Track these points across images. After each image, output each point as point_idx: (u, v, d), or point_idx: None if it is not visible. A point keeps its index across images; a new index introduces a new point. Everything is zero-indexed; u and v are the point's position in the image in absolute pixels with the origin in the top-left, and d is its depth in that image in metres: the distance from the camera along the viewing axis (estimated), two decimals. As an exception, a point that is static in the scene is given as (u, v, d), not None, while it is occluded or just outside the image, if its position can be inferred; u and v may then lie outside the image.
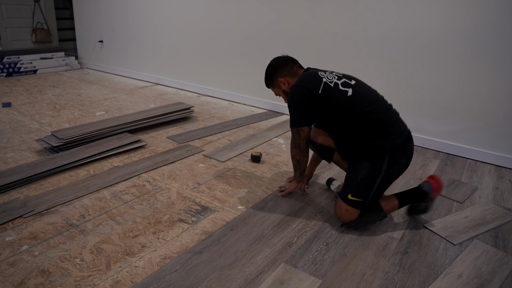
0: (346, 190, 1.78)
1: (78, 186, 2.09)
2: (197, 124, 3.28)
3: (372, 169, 1.72)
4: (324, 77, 1.78)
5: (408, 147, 1.75)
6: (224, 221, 1.83)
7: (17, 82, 4.52)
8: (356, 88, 1.76)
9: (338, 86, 1.75)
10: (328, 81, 1.76)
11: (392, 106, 1.82)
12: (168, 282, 1.41)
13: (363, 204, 1.76)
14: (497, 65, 2.56)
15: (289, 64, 1.92)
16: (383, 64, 3.02)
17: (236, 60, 3.92)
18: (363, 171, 1.73)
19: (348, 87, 1.76)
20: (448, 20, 2.66)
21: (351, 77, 1.85)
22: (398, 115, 1.80)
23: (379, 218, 1.79)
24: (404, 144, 1.73)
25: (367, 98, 1.74)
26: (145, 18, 4.62)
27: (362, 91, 1.76)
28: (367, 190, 1.73)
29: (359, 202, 1.75)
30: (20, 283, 1.38)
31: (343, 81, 1.78)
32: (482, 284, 1.49)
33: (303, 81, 1.78)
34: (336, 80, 1.78)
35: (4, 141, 2.68)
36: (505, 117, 2.61)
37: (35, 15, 5.84)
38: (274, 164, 2.53)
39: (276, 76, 1.93)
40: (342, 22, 3.14)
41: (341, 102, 1.72)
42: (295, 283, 1.44)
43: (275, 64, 1.93)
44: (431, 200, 1.81)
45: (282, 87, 1.94)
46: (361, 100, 1.72)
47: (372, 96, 1.77)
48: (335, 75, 1.82)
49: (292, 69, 1.91)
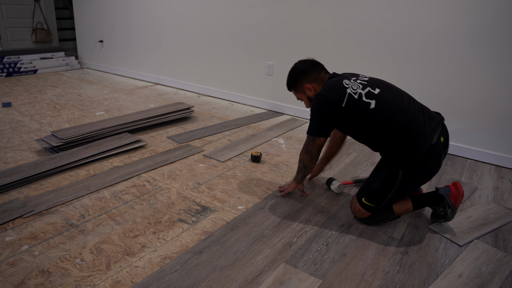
0: (361, 193, 1.83)
1: (78, 186, 2.09)
2: (197, 124, 3.28)
3: (387, 180, 1.73)
4: (349, 87, 1.71)
5: (428, 165, 1.68)
6: (224, 221, 1.83)
7: (17, 82, 4.52)
8: (380, 99, 1.69)
9: (361, 97, 1.70)
10: (353, 92, 1.70)
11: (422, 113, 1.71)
12: (168, 282, 1.41)
13: (375, 209, 1.81)
14: (497, 64, 2.56)
15: (316, 70, 1.85)
16: (382, 64, 3.02)
17: (236, 60, 3.92)
18: (379, 180, 1.76)
19: (372, 98, 1.69)
20: (447, 19, 2.66)
21: (377, 83, 1.76)
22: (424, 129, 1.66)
23: (390, 219, 1.83)
24: (424, 161, 1.66)
25: (389, 111, 1.67)
26: (145, 18, 4.62)
27: (385, 102, 1.69)
28: (381, 198, 1.77)
29: (372, 207, 1.80)
30: (20, 283, 1.38)
31: (367, 90, 1.71)
32: (482, 284, 1.48)
33: (328, 90, 1.72)
34: (361, 90, 1.71)
35: (4, 141, 2.68)
36: (505, 117, 2.61)
37: (35, 15, 5.84)
38: (274, 164, 2.53)
39: (302, 81, 1.86)
40: (346, 20, 3.14)
41: (363, 115, 1.70)
42: (295, 283, 1.44)
43: (302, 68, 1.85)
44: (449, 205, 1.79)
45: (307, 93, 1.87)
46: (383, 113, 1.67)
47: (395, 107, 1.68)
48: (359, 83, 1.75)
49: (319, 75, 1.85)
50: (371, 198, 1.78)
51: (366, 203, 1.80)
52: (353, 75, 1.85)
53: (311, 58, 1.91)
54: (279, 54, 3.59)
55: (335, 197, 2.11)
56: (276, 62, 3.63)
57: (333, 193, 2.16)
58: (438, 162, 1.69)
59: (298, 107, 3.62)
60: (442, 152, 1.69)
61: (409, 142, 1.65)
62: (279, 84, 3.66)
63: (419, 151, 1.64)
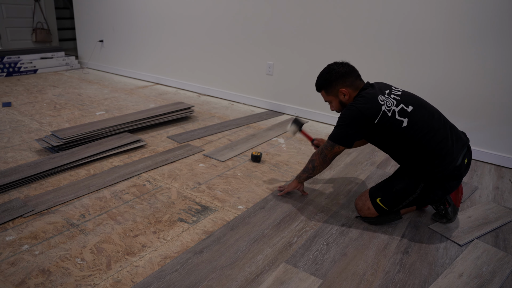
0: (377, 193, 1.82)
1: (78, 185, 2.09)
2: (197, 124, 3.28)
3: (409, 187, 1.75)
4: (384, 104, 1.69)
5: (449, 185, 1.72)
6: (225, 220, 1.83)
7: (17, 81, 4.52)
8: (413, 118, 1.69)
9: (395, 115, 1.69)
10: (387, 110, 1.68)
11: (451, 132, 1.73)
12: (169, 281, 1.41)
13: (386, 212, 1.82)
14: (497, 64, 2.56)
15: (353, 75, 1.81)
16: (383, 63, 3.02)
17: (237, 60, 3.92)
18: (400, 185, 1.77)
19: (405, 117, 1.68)
20: (446, 20, 2.66)
21: (410, 99, 1.75)
22: (451, 150, 1.68)
23: (395, 219, 1.84)
24: (447, 180, 1.70)
25: (420, 130, 1.68)
26: (145, 17, 4.61)
27: (417, 120, 1.69)
28: (397, 203, 1.78)
29: (384, 209, 1.81)
30: (21, 282, 1.38)
31: (401, 108, 1.70)
32: (482, 284, 1.48)
33: (363, 104, 1.69)
34: (394, 106, 1.70)
35: (4, 141, 2.68)
36: (506, 117, 2.61)
37: (35, 15, 5.84)
38: (274, 164, 2.53)
39: (338, 85, 1.81)
40: (350, 19, 3.14)
41: (394, 132, 1.70)
42: (296, 282, 1.44)
43: (340, 72, 1.80)
44: (449, 203, 1.81)
45: (340, 97, 1.83)
46: (415, 132, 1.68)
47: (427, 126, 1.69)
48: (393, 98, 1.73)
49: (355, 81, 1.81)
50: (388, 200, 1.78)
51: (380, 204, 1.79)
52: (386, 86, 1.81)
53: (347, 62, 1.86)
54: (279, 54, 3.59)
55: (335, 197, 2.11)
56: (276, 61, 3.63)
57: (333, 193, 2.16)
58: (458, 182, 1.74)
59: (298, 107, 3.62)
60: (463, 173, 1.74)
61: (437, 162, 1.67)
62: (279, 84, 3.66)
63: (445, 170, 1.67)
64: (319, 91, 1.91)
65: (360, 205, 1.87)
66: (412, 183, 1.74)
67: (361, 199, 1.88)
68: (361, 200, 1.87)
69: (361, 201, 1.87)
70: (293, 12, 3.38)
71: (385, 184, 1.84)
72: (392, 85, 1.85)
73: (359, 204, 1.88)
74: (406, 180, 1.76)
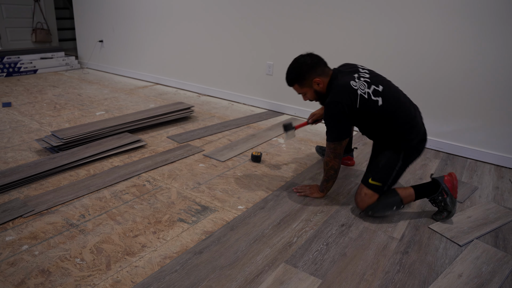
0: (367, 175, 1.92)
1: (78, 186, 2.09)
2: (197, 124, 3.28)
3: (392, 157, 1.89)
4: (358, 88, 1.82)
5: (421, 146, 1.92)
6: (224, 221, 1.84)
7: (17, 82, 4.52)
8: (385, 96, 1.84)
9: (370, 96, 1.83)
10: (362, 93, 1.82)
11: (416, 108, 1.93)
12: (168, 282, 1.41)
13: (382, 188, 1.88)
14: (498, 64, 2.56)
15: (322, 64, 1.92)
16: (383, 68, 3.02)
17: (236, 60, 3.92)
18: (384, 159, 1.90)
19: (378, 96, 1.83)
20: (447, 20, 2.66)
21: (378, 80, 1.89)
22: (417, 118, 1.89)
23: (396, 202, 1.87)
24: (418, 144, 1.90)
25: (393, 106, 1.84)
26: (145, 17, 4.62)
27: (389, 98, 1.85)
28: (387, 175, 1.88)
29: (378, 187, 1.88)
30: (20, 282, 1.38)
31: (373, 89, 1.84)
32: (482, 284, 1.49)
33: (340, 96, 1.81)
34: (367, 88, 1.84)
35: (4, 141, 2.68)
36: (506, 117, 2.61)
37: (35, 15, 5.84)
38: (274, 164, 2.53)
39: (311, 76, 1.90)
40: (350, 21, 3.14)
41: (373, 112, 1.84)
42: (295, 283, 1.44)
43: (310, 63, 1.89)
44: (446, 192, 1.86)
45: (314, 87, 1.93)
46: (389, 109, 1.84)
47: (398, 102, 1.86)
48: (364, 81, 1.85)
49: (325, 69, 1.92)
50: (379, 176, 1.88)
51: (373, 182, 1.87)
52: (353, 69, 1.92)
53: (312, 53, 1.94)
54: (279, 54, 3.59)
55: (335, 197, 2.11)
56: (276, 62, 3.63)
57: (333, 193, 2.16)
58: (426, 143, 1.95)
59: (298, 107, 3.62)
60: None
61: (411, 131, 1.86)
62: (279, 84, 3.66)
63: (417, 136, 1.88)
64: (292, 85, 1.98)
65: (358, 197, 1.92)
66: (393, 154, 1.88)
67: (357, 193, 1.95)
68: (358, 194, 1.93)
69: (358, 194, 1.93)
70: (294, 12, 3.38)
71: (371, 165, 1.96)
72: (357, 65, 1.99)
73: (357, 197, 1.93)
74: (387, 153, 1.90)
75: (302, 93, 1.98)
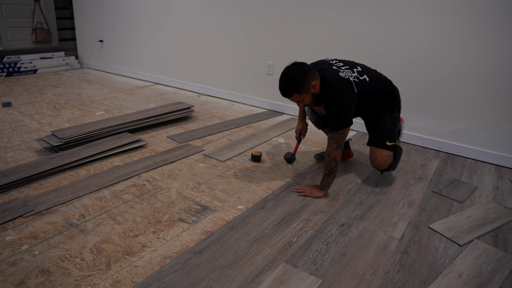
0: (382, 140, 2.18)
1: (78, 185, 2.09)
2: (197, 124, 3.28)
3: (392, 117, 2.20)
4: (347, 76, 2.02)
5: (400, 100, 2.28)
6: (224, 220, 1.84)
7: (17, 81, 4.52)
8: (366, 72, 2.11)
9: (359, 78, 2.05)
10: (353, 79, 2.02)
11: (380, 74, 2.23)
12: (168, 282, 1.41)
13: (395, 145, 2.20)
14: (498, 63, 2.56)
15: (311, 68, 2.01)
16: (383, 67, 3.02)
17: (236, 60, 3.92)
18: (388, 122, 2.19)
19: (362, 75, 2.08)
20: (447, 19, 2.66)
21: (352, 63, 2.14)
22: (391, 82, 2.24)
23: (401, 152, 2.23)
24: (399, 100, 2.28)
25: (376, 80, 2.12)
26: (145, 17, 4.61)
27: (369, 73, 2.12)
28: (395, 133, 2.20)
29: (393, 145, 2.19)
30: (20, 282, 1.38)
31: (356, 72, 2.07)
32: (482, 284, 1.49)
33: (342, 87, 1.97)
34: (353, 73, 2.05)
35: (4, 141, 2.68)
36: (506, 117, 2.61)
37: (35, 15, 5.84)
38: (274, 163, 2.53)
39: (307, 81, 1.96)
40: (348, 22, 3.13)
41: (368, 90, 2.07)
42: (295, 282, 1.44)
43: (303, 71, 1.96)
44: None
45: (312, 91, 2.00)
46: (376, 83, 2.11)
47: (376, 75, 2.15)
48: (345, 69, 2.06)
49: (314, 72, 2.01)
50: (391, 136, 2.18)
51: (389, 143, 2.16)
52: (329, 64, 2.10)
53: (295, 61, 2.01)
54: (279, 54, 3.59)
55: (335, 197, 2.11)
56: (276, 61, 3.63)
57: (333, 193, 2.16)
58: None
59: (298, 107, 3.61)
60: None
61: (394, 89, 2.21)
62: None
63: (399, 97, 2.25)
64: (290, 96, 2.01)
65: (380, 161, 2.18)
66: (392, 114, 2.21)
67: (375, 157, 2.20)
68: (378, 158, 2.19)
69: (378, 158, 2.19)
70: (294, 12, 3.37)
71: (380, 132, 2.19)
72: (327, 59, 2.18)
73: (378, 161, 2.19)
74: (387, 116, 2.20)
75: (301, 100, 2.03)
